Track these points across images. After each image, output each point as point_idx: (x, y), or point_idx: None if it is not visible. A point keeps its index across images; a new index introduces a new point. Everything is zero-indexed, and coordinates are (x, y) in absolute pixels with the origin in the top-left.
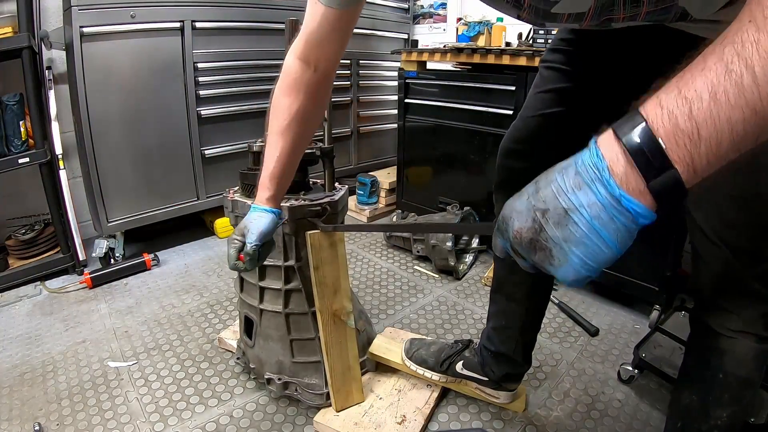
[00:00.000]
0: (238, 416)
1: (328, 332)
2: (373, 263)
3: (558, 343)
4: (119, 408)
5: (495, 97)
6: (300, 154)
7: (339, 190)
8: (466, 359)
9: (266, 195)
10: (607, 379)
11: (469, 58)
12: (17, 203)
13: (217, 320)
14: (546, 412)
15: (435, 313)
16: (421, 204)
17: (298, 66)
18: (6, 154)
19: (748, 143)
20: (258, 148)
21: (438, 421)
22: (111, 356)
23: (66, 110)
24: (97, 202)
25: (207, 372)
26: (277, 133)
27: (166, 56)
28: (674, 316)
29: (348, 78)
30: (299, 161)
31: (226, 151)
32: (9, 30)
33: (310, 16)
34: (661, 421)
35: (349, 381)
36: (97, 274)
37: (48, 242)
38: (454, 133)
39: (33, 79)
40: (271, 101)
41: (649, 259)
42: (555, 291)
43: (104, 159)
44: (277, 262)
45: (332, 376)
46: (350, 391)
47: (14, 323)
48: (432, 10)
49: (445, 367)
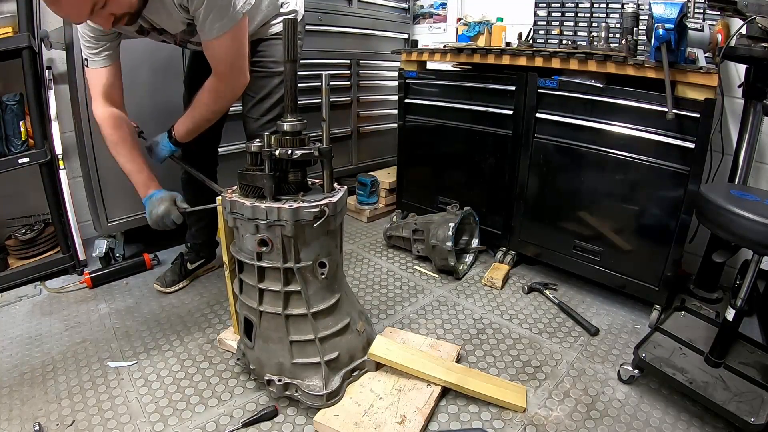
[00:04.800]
0: (238, 416)
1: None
2: (373, 263)
3: (558, 343)
4: (119, 408)
5: (495, 97)
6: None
7: (338, 190)
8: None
9: (154, 186)
10: (607, 379)
11: (469, 58)
12: (17, 203)
13: (217, 320)
14: (546, 412)
15: (435, 313)
16: (421, 204)
17: (104, 113)
18: (6, 154)
19: (194, 134)
20: (256, 148)
21: (438, 421)
22: (111, 356)
23: (66, 110)
24: (97, 202)
25: (207, 372)
26: (126, 156)
27: (166, 55)
28: (674, 316)
29: (348, 78)
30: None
31: (226, 152)
32: (9, 30)
33: (90, 81)
34: (662, 421)
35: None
36: (97, 274)
37: (48, 242)
38: (454, 133)
39: (33, 79)
40: (106, 139)
41: (649, 259)
42: (555, 291)
43: (104, 159)
44: (276, 263)
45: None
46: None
47: (14, 323)
48: (432, 10)
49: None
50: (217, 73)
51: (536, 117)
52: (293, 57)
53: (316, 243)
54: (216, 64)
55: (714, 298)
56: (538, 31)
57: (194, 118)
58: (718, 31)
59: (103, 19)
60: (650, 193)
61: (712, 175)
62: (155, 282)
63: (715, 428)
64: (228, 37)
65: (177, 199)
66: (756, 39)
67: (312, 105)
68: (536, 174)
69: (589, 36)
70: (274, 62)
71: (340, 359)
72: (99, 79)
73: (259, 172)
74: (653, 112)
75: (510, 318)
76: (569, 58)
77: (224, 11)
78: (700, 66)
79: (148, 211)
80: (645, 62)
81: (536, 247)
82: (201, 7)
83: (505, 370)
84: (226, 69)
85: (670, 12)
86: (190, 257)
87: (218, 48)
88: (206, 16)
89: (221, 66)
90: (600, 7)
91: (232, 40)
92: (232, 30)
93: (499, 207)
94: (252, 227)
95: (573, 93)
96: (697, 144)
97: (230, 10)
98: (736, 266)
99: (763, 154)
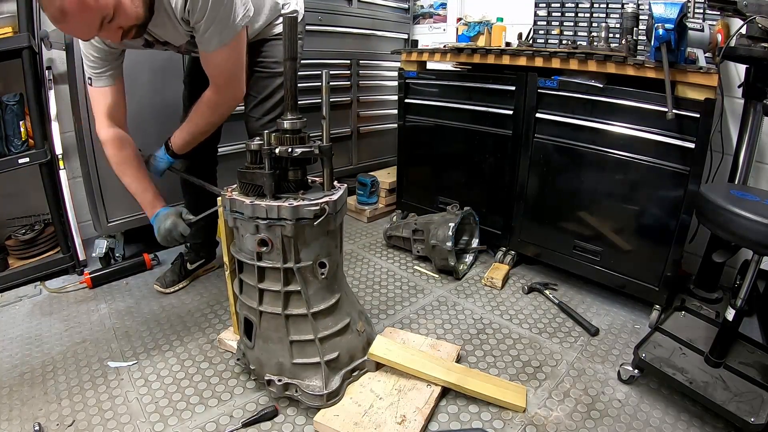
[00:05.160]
0: (238, 416)
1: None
2: (373, 263)
3: (558, 343)
4: (119, 408)
5: (495, 97)
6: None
7: (338, 189)
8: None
9: (160, 204)
10: (607, 379)
11: (469, 58)
12: (17, 203)
13: (217, 320)
14: (546, 412)
15: (435, 313)
16: (421, 204)
17: (108, 133)
18: (6, 154)
19: (191, 146)
20: (256, 146)
21: (438, 421)
22: (111, 356)
23: (66, 110)
24: (97, 202)
25: (207, 372)
26: (131, 176)
27: (166, 56)
28: (674, 316)
29: (348, 78)
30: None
31: (225, 152)
32: (9, 30)
33: (93, 100)
34: (662, 421)
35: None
36: (97, 274)
37: (48, 242)
38: (454, 133)
39: (33, 79)
40: (110, 160)
41: (649, 259)
42: (555, 291)
43: (104, 159)
44: (276, 264)
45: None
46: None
47: (14, 323)
48: (432, 10)
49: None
50: (214, 85)
51: (536, 117)
52: (293, 55)
53: (316, 243)
54: (214, 76)
55: (714, 298)
56: (538, 31)
57: (191, 130)
58: (718, 31)
59: (111, 33)
60: (650, 193)
61: (712, 175)
62: (155, 282)
63: (715, 428)
64: (227, 49)
65: (182, 213)
66: (756, 39)
67: (312, 105)
68: (536, 174)
69: (589, 36)
70: (276, 62)
71: (340, 359)
72: (103, 98)
73: (259, 171)
74: (653, 112)
75: (510, 318)
76: (569, 58)
77: (224, 24)
78: (700, 66)
79: (156, 228)
80: (645, 62)
81: (536, 247)
82: (201, 20)
83: (505, 370)
84: (224, 81)
85: (670, 12)
86: (189, 257)
87: (217, 60)
88: (206, 29)
89: (219, 78)
90: (600, 7)
91: (231, 52)
92: (230, 43)
93: (499, 207)
94: (252, 227)
95: (573, 93)
96: (697, 144)
97: (230, 21)
98: (736, 266)
99: (763, 154)
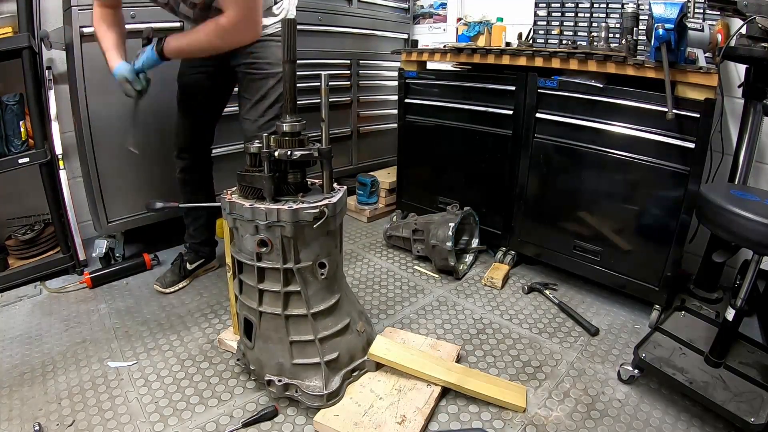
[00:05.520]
0: (238, 416)
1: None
2: (373, 263)
3: (558, 343)
4: (119, 408)
5: (495, 97)
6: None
7: (337, 191)
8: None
9: (120, 59)
10: (607, 379)
11: (469, 58)
12: (17, 203)
13: (217, 320)
14: (546, 412)
15: (435, 313)
16: (421, 204)
17: (99, 11)
18: (6, 154)
19: (181, 55)
20: (255, 149)
21: (438, 421)
22: (111, 356)
23: (66, 110)
24: (97, 202)
25: (207, 372)
26: (105, 35)
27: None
28: (674, 316)
29: (348, 78)
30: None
31: (225, 152)
32: (9, 30)
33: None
34: (662, 421)
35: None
36: (97, 274)
37: (48, 242)
38: (454, 133)
39: (33, 79)
40: (93, 16)
41: (649, 259)
42: (555, 291)
43: (104, 159)
44: (276, 264)
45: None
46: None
47: (14, 323)
48: (432, 10)
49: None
50: (228, 15)
51: (536, 117)
52: (292, 57)
53: (316, 243)
54: (228, 5)
55: (714, 298)
56: (538, 31)
57: (190, 40)
58: (718, 31)
59: None
60: (650, 193)
61: (712, 175)
62: (155, 282)
63: (715, 428)
64: None
65: (139, 96)
66: (756, 39)
67: (311, 105)
68: (536, 174)
69: (589, 36)
70: (269, 63)
71: (340, 359)
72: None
73: (258, 173)
74: (653, 112)
75: (510, 318)
76: (569, 58)
77: None
78: (700, 66)
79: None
80: (645, 62)
81: (536, 247)
82: None
83: (505, 370)
84: (238, 13)
85: (670, 12)
86: (189, 257)
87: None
88: None
89: (233, 9)
90: (600, 7)
91: None
92: None
93: (499, 207)
94: (251, 228)
95: (573, 93)
96: (697, 144)
97: None
98: (736, 266)
99: (763, 154)
